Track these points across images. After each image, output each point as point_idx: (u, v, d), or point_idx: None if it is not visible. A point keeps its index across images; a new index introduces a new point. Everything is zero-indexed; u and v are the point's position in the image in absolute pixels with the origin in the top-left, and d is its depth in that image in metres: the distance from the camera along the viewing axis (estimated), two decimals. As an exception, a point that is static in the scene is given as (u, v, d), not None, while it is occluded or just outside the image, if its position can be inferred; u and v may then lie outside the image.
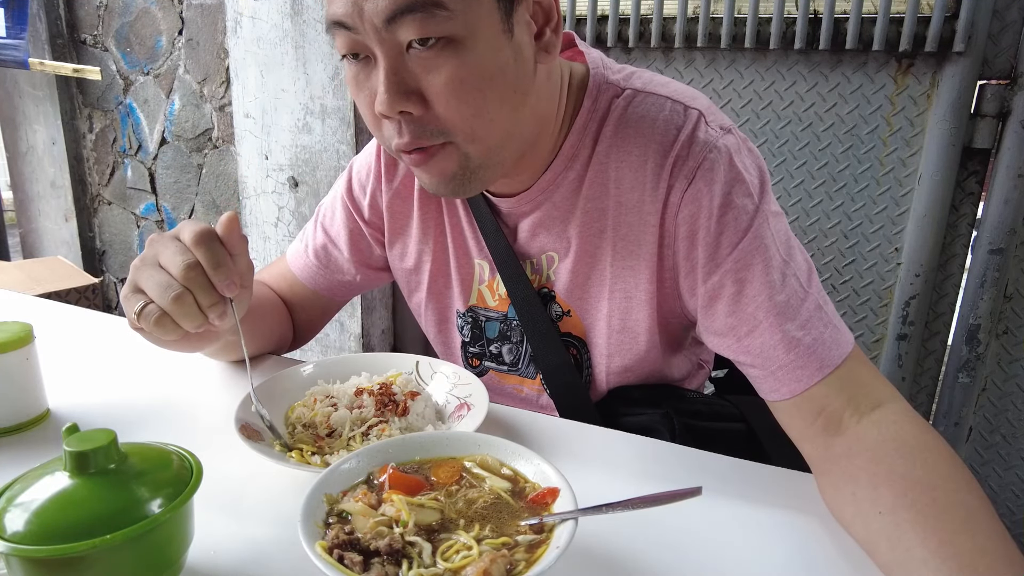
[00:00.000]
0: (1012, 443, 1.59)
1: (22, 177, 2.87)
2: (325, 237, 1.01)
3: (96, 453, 0.52)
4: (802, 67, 1.55)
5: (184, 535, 0.55)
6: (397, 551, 0.51)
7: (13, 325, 0.79)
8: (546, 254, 0.88)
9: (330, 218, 1.01)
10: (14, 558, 0.47)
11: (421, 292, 0.99)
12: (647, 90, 0.81)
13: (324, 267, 1.01)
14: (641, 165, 0.79)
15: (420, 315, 1.03)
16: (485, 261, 0.93)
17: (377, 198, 0.96)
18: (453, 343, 1.00)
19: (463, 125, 0.70)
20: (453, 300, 0.97)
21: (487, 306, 0.95)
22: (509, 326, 0.95)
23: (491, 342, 0.97)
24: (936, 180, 1.48)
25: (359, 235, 0.99)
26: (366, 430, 0.75)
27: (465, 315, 0.97)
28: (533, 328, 0.90)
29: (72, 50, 2.60)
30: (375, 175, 0.96)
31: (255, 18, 1.93)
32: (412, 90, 0.68)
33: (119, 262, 2.80)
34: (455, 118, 0.70)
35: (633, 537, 0.62)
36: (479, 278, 0.94)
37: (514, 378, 0.97)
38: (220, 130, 2.36)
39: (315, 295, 1.03)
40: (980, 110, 1.45)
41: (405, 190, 0.95)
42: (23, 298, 1.26)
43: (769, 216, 0.76)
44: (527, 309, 0.89)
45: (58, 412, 0.83)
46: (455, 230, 0.94)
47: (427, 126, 0.70)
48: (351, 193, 0.99)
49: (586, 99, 0.82)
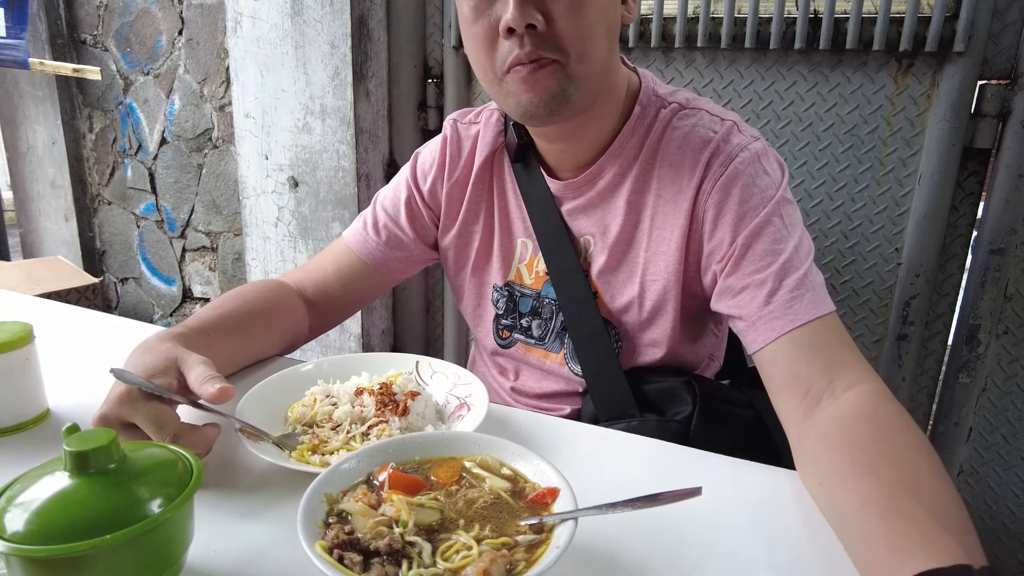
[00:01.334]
0: (1012, 443, 1.59)
1: (22, 177, 2.87)
2: (387, 216, 1.10)
3: (96, 453, 0.52)
4: (802, 67, 1.55)
5: (184, 535, 0.55)
6: (397, 551, 0.51)
7: (13, 325, 0.79)
8: (583, 237, 0.99)
9: (392, 201, 1.11)
10: (14, 558, 0.47)
11: (467, 270, 1.09)
12: (689, 105, 0.94)
13: (383, 243, 1.09)
14: (680, 161, 0.91)
15: (462, 292, 1.13)
16: (528, 239, 1.03)
17: (438, 186, 1.08)
18: (487, 316, 1.10)
19: (577, 44, 0.82)
20: (491, 276, 1.08)
21: (523, 283, 1.06)
22: (541, 303, 1.04)
23: (523, 316, 1.07)
24: (936, 180, 1.47)
25: (419, 214, 1.10)
26: (366, 430, 0.75)
27: (502, 289, 1.07)
28: (570, 295, 0.98)
29: (72, 50, 2.60)
30: (438, 165, 1.07)
31: (255, 18, 1.93)
32: (539, 7, 0.80)
33: (119, 262, 2.81)
34: (572, 34, 0.81)
35: (633, 537, 0.62)
36: (520, 256, 1.05)
37: (539, 351, 1.07)
38: (220, 130, 2.36)
39: (367, 269, 1.09)
40: (980, 110, 1.45)
41: (463, 179, 1.06)
42: (23, 298, 1.26)
43: (784, 202, 0.87)
44: (567, 278, 0.98)
45: (58, 412, 0.83)
46: (502, 212, 1.05)
47: (547, 41, 0.81)
48: (415, 177, 1.09)
49: (637, 106, 0.94)
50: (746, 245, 0.84)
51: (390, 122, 1.99)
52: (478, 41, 0.85)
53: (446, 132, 1.09)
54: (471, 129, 1.08)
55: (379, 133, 1.96)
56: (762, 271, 0.83)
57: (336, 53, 1.84)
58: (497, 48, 0.84)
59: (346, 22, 1.80)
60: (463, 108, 1.14)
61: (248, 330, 0.93)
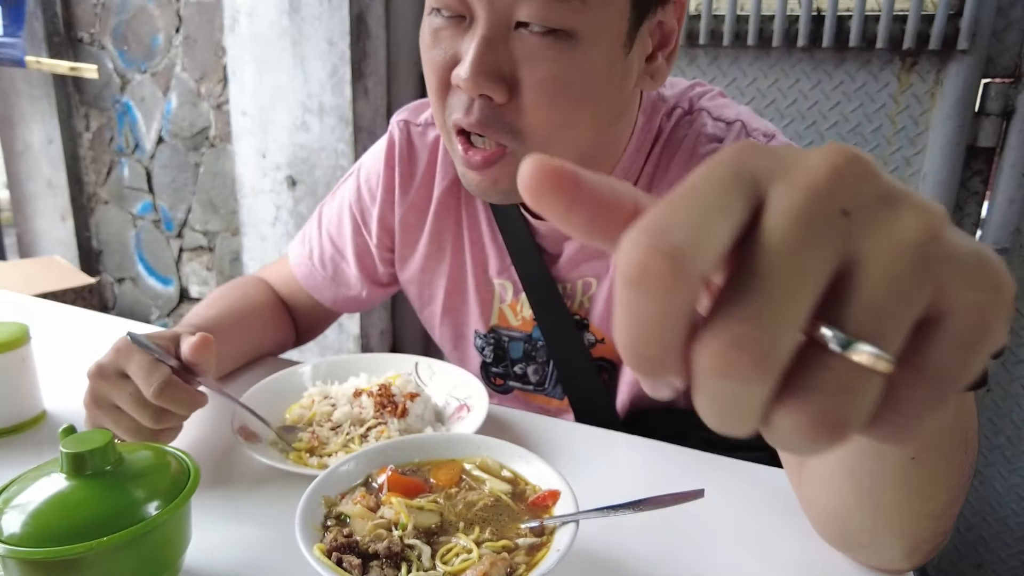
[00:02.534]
0: (1017, 445, 1.58)
1: (18, 176, 2.86)
2: (333, 248, 0.95)
3: (93, 455, 0.51)
4: (805, 65, 1.54)
5: (182, 537, 0.54)
6: (396, 554, 0.51)
7: (9, 325, 0.79)
8: (584, 279, 0.84)
9: (336, 228, 0.95)
10: (11, 560, 0.47)
11: (435, 307, 0.94)
12: (696, 107, 0.78)
13: (330, 279, 0.96)
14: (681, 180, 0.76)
15: (434, 329, 0.98)
16: (508, 281, 0.88)
17: (388, 211, 0.90)
18: (470, 360, 0.96)
19: (542, 132, 0.64)
20: (471, 319, 0.93)
21: (510, 326, 0.90)
22: (534, 347, 0.90)
23: (515, 363, 0.92)
24: (940, 179, 1.47)
25: (366, 251, 0.94)
26: (365, 432, 0.74)
27: (487, 336, 0.92)
28: (562, 354, 0.86)
29: (69, 48, 2.59)
30: (385, 186, 0.89)
31: (252, 15, 1.92)
32: (503, 74, 0.61)
33: (116, 262, 2.80)
34: (538, 121, 0.63)
35: (635, 540, 0.61)
36: (499, 298, 0.90)
37: (541, 397, 0.94)
38: (217, 128, 2.35)
39: (317, 304, 0.99)
40: (984, 108, 1.44)
41: (421, 202, 0.88)
42: (19, 298, 1.25)
43: None
44: (558, 335, 0.85)
45: (54, 413, 0.83)
46: (475, 247, 0.88)
47: (502, 118, 0.63)
48: (360, 203, 0.92)
49: (640, 115, 0.77)
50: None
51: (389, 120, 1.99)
52: (428, 71, 0.67)
53: (393, 137, 0.89)
54: (427, 134, 0.88)
55: (377, 131, 1.95)
56: None
57: (334, 51, 1.83)
58: (447, 94, 0.66)
59: (344, 19, 1.80)
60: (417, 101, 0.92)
61: (248, 327, 0.91)
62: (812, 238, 0.20)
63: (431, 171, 0.88)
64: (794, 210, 0.20)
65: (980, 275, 0.21)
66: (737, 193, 0.21)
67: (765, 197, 0.21)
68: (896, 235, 0.20)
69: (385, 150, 0.90)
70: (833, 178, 0.21)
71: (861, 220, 0.21)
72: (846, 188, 0.21)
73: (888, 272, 0.20)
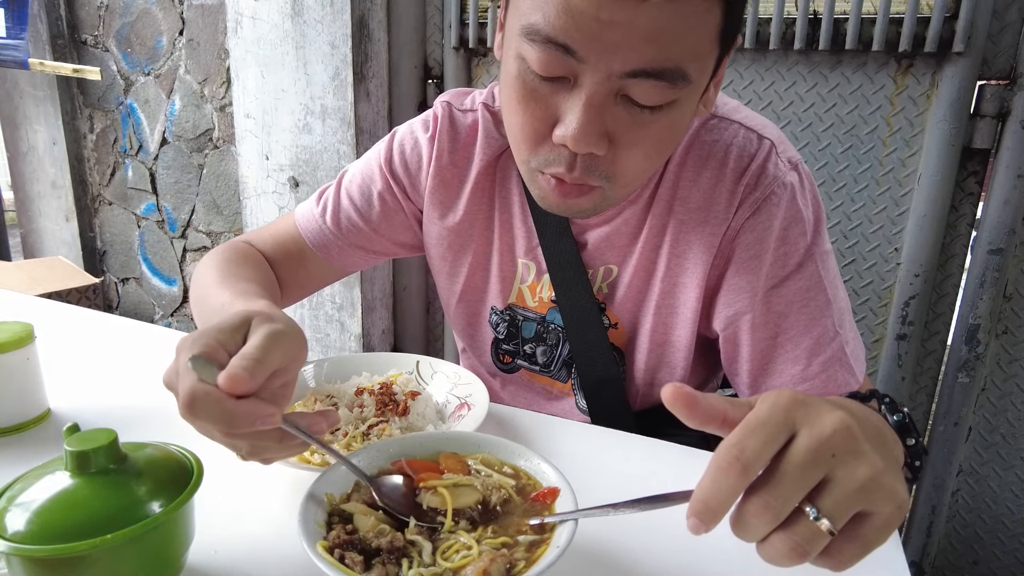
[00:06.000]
0: (1012, 443, 1.59)
1: (23, 177, 2.87)
2: (351, 206, 0.95)
3: (97, 453, 0.52)
4: (802, 67, 1.55)
5: (185, 535, 0.55)
6: (398, 550, 0.51)
7: (14, 325, 0.79)
8: (605, 266, 0.88)
9: (361, 186, 0.96)
10: (15, 558, 0.47)
11: (457, 282, 0.96)
12: (719, 114, 0.82)
13: (341, 234, 0.96)
14: (711, 188, 0.79)
15: (450, 304, 1.00)
16: (532, 262, 0.92)
17: (421, 178, 0.93)
18: (482, 336, 0.99)
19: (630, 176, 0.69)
20: (489, 296, 0.96)
21: (526, 306, 0.94)
22: (546, 328, 0.93)
23: (526, 342, 0.96)
24: (936, 180, 1.48)
25: (395, 209, 0.95)
26: (366, 430, 0.75)
27: (503, 313, 0.96)
28: (581, 336, 0.88)
29: (73, 50, 2.60)
30: (426, 152, 0.92)
31: (256, 18, 1.93)
32: (605, 132, 0.64)
33: (119, 262, 2.81)
34: (631, 169, 0.68)
35: (634, 538, 0.62)
36: (521, 278, 0.93)
37: (545, 379, 0.97)
38: (221, 130, 2.36)
39: (319, 260, 0.98)
40: (980, 110, 1.45)
41: (456, 178, 0.91)
42: (24, 298, 1.26)
43: (817, 256, 0.79)
44: (580, 317, 0.88)
45: (59, 412, 0.83)
46: (504, 227, 0.92)
47: (599, 168, 0.67)
48: (391, 163, 0.94)
49: None
50: (778, 314, 0.79)
51: (390, 123, 1.99)
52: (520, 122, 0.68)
53: (437, 113, 0.92)
54: (467, 118, 0.92)
55: (379, 134, 1.96)
56: (793, 353, 0.78)
57: (336, 54, 1.84)
58: (541, 144, 0.68)
59: (346, 23, 1.81)
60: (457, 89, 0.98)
61: (274, 296, 0.89)
62: (812, 465, 0.40)
63: (468, 151, 0.91)
64: (808, 448, 0.41)
65: (893, 499, 0.41)
66: (783, 433, 0.41)
67: (796, 433, 0.41)
68: (855, 473, 0.40)
69: (428, 122, 0.93)
70: (833, 435, 0.41)
71: (841, 461, 0.41)
72: (838, 442, 0.41)
73: (846, 490, 0.40)
